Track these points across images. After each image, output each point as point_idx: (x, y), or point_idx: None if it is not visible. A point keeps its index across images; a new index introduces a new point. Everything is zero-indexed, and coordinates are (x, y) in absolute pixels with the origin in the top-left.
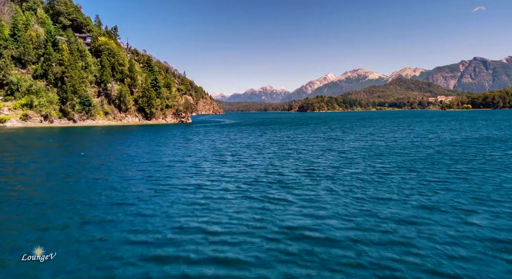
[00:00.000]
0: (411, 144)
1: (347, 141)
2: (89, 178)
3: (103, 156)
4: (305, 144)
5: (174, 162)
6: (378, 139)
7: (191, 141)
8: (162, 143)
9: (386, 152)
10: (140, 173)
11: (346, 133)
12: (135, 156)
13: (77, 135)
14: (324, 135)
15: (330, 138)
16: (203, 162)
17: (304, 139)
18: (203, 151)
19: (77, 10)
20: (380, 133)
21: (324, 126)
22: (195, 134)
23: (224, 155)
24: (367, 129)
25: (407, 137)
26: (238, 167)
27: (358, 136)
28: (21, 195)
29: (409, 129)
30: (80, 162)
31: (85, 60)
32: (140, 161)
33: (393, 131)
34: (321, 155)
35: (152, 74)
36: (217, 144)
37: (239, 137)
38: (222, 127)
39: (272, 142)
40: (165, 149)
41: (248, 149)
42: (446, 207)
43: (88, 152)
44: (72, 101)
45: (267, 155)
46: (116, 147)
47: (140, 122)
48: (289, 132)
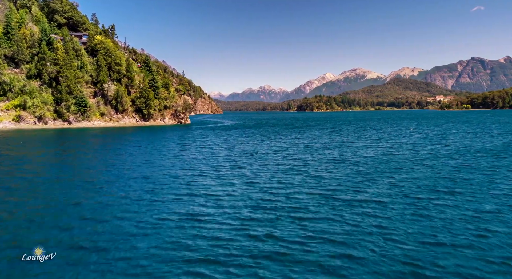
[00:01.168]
0: (432, 153)
1: (358, 149)
2: (59, 200)
3: (83, 168)
4: (311, 152)
5: (166, 178)
6: (392, 146)
7: (188, 148)
8: (157, 150)
9: (407, 164)
10: (121, 196)
11: (354, 138)
12: (122, 169)
13: (66, 139)
14: (329, 140)
15: (337, 145)
16: (198, 179)
17: (309, 145)
18: (200, 163)
19: (73, 8)
20: (391, 138)
21: (327, 129)
22: (193, 138)
23: (222, 168)
24: (376, 133)
25: (423, 144)
26: (238, 186)
27: (368, 142)
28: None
29: (420, 133)
30: (51, 176)
31: (80, 60)
32: (127, 177)
33: (404, 135)
34: (332, 169)
35: (150, 74)
36: (215, 152)
37: (238, 143)
38: (221, 129)
39: (274, 150)
40: (158, 160)
41: (249, 159)
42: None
43: (69, 161)
44: (67, 102)
45: (270, 168)
46: (105, 155)
47: (137, 124)
48: (291, 137)
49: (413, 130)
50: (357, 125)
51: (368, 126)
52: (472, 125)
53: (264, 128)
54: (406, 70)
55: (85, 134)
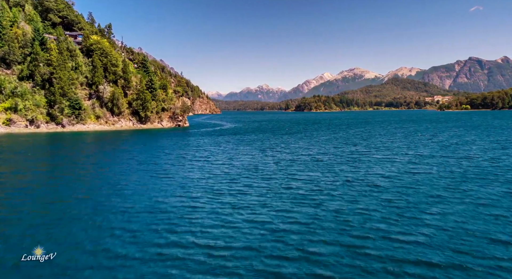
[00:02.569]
0: (463, 173)
1: (373, 164)
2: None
3: (53, 194)
4: (321, 170)
5: (153, 210)
6: (411, 160)
7: (183, 161)
8: (145, 165)
9: (440, 189)
10: (95, 235)
11: (363, 147)
12: (99, 198)
13: (55, 147)
14: (337, 151)
15: (349, 159)
16: (191, 212)
17: (316, 158)
18: (195, 185)
19: (68, 7)
20: (405, 148)
21: (331, 134)
22: (188, 147)
23: (221, 195)
24: (384, 140)
25: (445, 157)
26: (239, 224)
27: (381, 155)
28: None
29: (434, 141)
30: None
31: (75, 60)
32: (104, 207)
33: (418, 144)
34: (352, 199)
35: (147, 75)
36: (213, 168)
37: (238, 155)
38: (219, 135)
39: (278, 165)
40: (147, 182)
41: (252, 179)
42: None
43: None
44: (60, 104)
45: (276, 196)
46: (87, 171)
47: (134, 127)
48: (294, 145)
49: (422, 136)
50: (361, 129)
51: (373, 131)
52: (483, 130)
53: (264, 134)
54: (403, 70)
55: (75, 140)
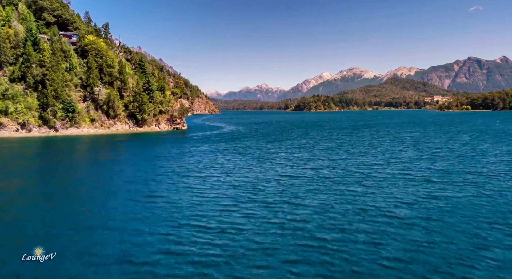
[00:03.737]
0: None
1: (392, 184)
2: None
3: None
4: (328, 191)
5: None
6: (437, 177)
7: (174, 178)
8: (132, 183)
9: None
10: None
11: (376, 158)
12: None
13: (35, 154)
14: (345, 163)
15: (360, 176)
16: (166, 263)
17: (322, 174)
18: (180, 216)
19: (63, 6)
20: (420, 157)
21: (337, 139)
22: (183, 158)
23: (209, 231)
24: (397, 148)
25: (480, 178)
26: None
27: (399, 169)
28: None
29: (453, 148)
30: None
31: (69, 61)
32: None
33: (438, 155)
34: (369, 241)
35: (144, 76)
36: (205, 189)
37: (235, 169)
38: (217, 141)
39: (281, 185)
40: (124, 209)
41: (249, 205)
42: None
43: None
44: (53, 107)
45: (281, 236)
46: (61, 189)
47: (130, 130)
48: (297, 155)
49: (430, 142)
50: (365, 134)
51: (378, 135)
52: (495, 136)
53: (264, 139)
54: (403, 69)
55: (65, 147)
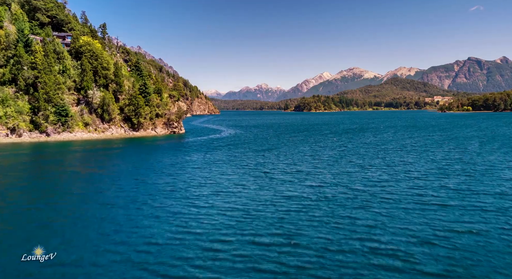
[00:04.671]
0: None
1: (408, 210)
2: None
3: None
4: (332, 220)
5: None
6: (458, 200)
7: (158, 199)
8: (109, 207)
9: None
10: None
11: (384, 172)
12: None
13: (18, 162)
14: (350, 178)
15: (367, 197)
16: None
17: (324, 195)
18: (157, 253)
19: (58, 6)
20: (434, 172)
21: (339, 148)
22: (173, 170)
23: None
24: (406, 159)
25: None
26: None
27: (412, 187)
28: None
29: (468, 160)
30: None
31: (63, 63)
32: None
33: (450, 168)
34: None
35: (141, 78)
36: (192, 215)
37: (229, 186)
38: (213, 148)
39: (279, 209)
40: (91, 241)
41: (239, 237)
42: None
43: None
44: (45, 111)
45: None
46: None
47: (126, 134)
48: (297, 167)
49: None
50: (369, 140)
51: (382, 141)
52: (504, 144)
53: (262, 147)
54: (403, 69)
55: (52, 154)
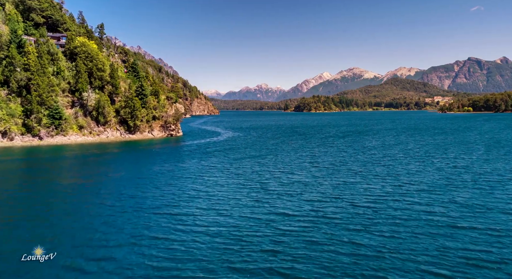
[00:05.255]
0: None
1: (432, 238)
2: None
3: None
4: (337, 249)
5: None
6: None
7: (139, 219)
8: (84, 228)
9: None
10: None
11: (394, 183)
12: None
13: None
14: (355, 194)
15: (376, 219)
16: None
17: (328, 215)
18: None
19: (53, 6)
20: (450, 188)
21: (339, 153)
22: (161, 181)
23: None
24: (414, 167)
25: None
26: None
27: (428, 205)
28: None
29: (483, 172)
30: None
31: (57, 65)
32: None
33: (469, 182)
34: None
35: (137, 80)
36: (176, 239)
37: (221, 202)
38: (210, 154)
39: (275, 233)
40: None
41: (225, 266)
42: None
43: None
44: (38, 114)
45: None
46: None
47: (121, 137)
48: (295, 180)
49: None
50: (373, 144)
51: (386, 146)
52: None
53: (261, 152)
54: (403, 70)
55: (38, 160)
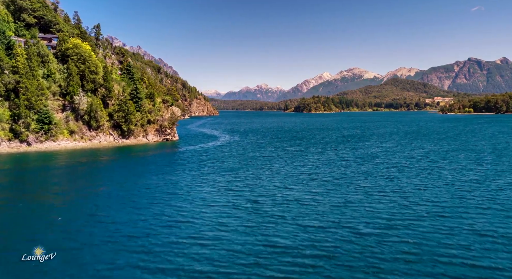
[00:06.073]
0: None
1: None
2: None
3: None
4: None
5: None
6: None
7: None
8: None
9: None
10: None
11: (409, 210)
12: None
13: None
14: (370, 223)
15: (398, 270)
16: None
17: (341, 261)
18: None
19: (45, 6)
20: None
21: (345, 161)
22: (148, 201)
23: None
24: (431, 183)
25: None
26: None
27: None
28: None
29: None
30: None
31: (47, 67)
32: None
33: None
34: None
35: (132, 82)
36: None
37: (208, 223)
38: (204, 162)
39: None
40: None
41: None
42: None
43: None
44: (26, 118)
45: None
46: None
47: (115, 142)
48: (297, 194)
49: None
50: (373, 151)
51: (388, 153)
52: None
53: (257, 161)
54: (402, 70)
55: (20, 172)
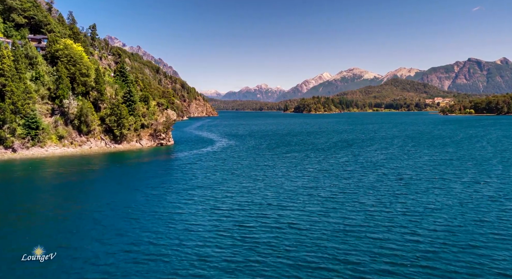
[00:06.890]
0: None
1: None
2: None
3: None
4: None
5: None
6: None
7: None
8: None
9: None
10: None
11: (422, 232)
12: None
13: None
14: (372, 243)
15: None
16: None
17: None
18: None
19: (36, 6)
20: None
21: (346, 168)
22: (130, 223)
23: None
24: (441, 199)
25: None
26: None
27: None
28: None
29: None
30: None
31: (36, 69)
32: None
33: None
34: None
35: (125, 85)
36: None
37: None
38: (196, 172)
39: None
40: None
41: None
42: None
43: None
44: (12, 123)
45: None
46: None
47: (106, 148)
48: (293, 214)
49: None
50: (376, 158)
51: (391, 162)
52: None
53: (253, 171)
54: (403, 70)
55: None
